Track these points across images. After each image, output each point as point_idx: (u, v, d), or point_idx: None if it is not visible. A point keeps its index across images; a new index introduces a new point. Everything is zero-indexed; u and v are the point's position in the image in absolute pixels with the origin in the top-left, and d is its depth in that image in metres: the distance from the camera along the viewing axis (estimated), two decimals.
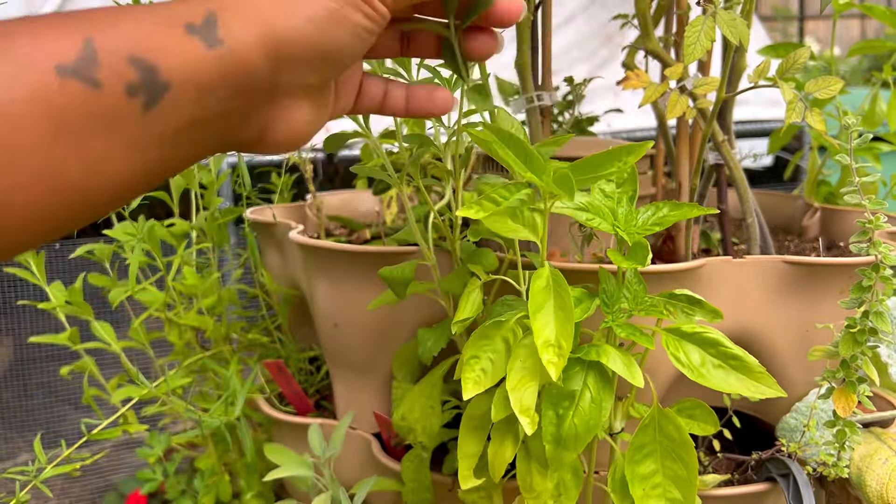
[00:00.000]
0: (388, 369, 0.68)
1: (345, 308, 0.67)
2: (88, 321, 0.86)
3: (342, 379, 0.72)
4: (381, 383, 0.69)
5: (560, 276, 0.45)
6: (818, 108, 0.83)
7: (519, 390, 0.46)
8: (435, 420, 0.55)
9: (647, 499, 0.51)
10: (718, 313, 0.50)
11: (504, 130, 0.41)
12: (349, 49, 0.36)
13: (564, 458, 0.48)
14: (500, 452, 0.50)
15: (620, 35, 1.39)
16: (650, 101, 0.64)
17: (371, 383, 0.70)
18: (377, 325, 0.65)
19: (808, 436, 0.60)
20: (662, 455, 0.51)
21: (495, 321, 0.49)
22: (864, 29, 3.01)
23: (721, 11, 0.53)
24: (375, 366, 0.68)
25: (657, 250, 0.81)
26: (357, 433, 0.71)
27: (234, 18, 0.32)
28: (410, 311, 0.64)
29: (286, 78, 0.35)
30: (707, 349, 0.49)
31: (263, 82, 0.34)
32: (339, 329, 0.68)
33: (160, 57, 0.30)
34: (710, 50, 0.72)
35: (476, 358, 0.49)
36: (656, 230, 0.48)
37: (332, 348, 0.71)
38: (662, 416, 0.50)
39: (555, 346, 0.44)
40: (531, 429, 0.45)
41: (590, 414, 0.47)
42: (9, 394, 1.05)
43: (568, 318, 0.44)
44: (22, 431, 0.93)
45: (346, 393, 0.72)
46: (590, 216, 0.48)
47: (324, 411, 0.80)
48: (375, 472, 0.69)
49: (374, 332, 0.66)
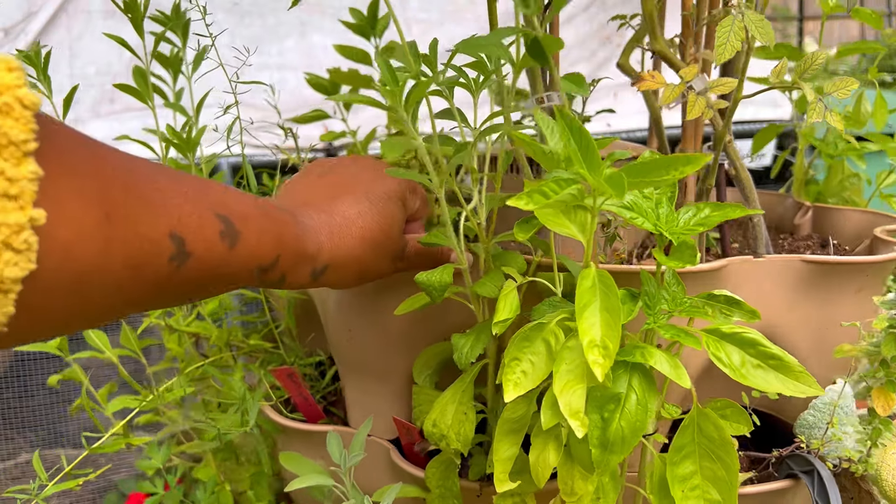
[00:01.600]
0: (405, 374, 0.67)
1: (361, 313, 0.65)
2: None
3: (356, 385, 0.71)
4: (399, 388, 0.68)
5: (607, 277, 0.44)
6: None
7: (566, 393, 0.45)
8: (469, 426, 0.54)
9: (685, 500, 0.50)
10: (756, 314, 0.51)
11: (575, 121, 0.41)
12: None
13: (611, 461, 0.47)
14: (544, 457, 0.49)
15: (619, 36, 1.41)
16: (669, 101, 0.64)
17: (387, 389, 0.68)
18: (396, 329, 0.64)
19: (831, 432, 0.60)
20: (701, 456, 0.51)
21: (538, 323, 0.48)
22: (865, 29, 3.05)
23: (749, 12, 0.53)
24: (393, 371, 0.67)
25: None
26: (372, 439, 0.70)
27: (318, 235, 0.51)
28: (432, 315, 0.62)
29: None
30: (746, 349, 0.49)
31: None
32: (354, 334, 0.67)
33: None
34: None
35: (517, 360, 0.48)
36: (700, 230, 0.48)
37: (346, 354, 0.69)
38: (702, 416, 0.50)
39: (600, 347, 0.43)
40: (582, 432, 0.44)
41: (636, 416, 0.47)
42: (9, 393, 1.01)
43: (615, 318, 0.43)
44: (22, 431, 0.90)
45: (359, 398, 0.71)
46: (634, 215, 0.48)
47: (332, 417, 0.78)
48: (393, 479, 0.68)
49: (392, 337, 0.65)
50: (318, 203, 0.53)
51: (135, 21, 0.78)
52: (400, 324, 0.64)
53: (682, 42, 0.82)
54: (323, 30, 0.92)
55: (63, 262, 0.32)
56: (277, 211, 0.49)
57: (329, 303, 0.69)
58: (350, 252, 0.52)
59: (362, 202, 0.53)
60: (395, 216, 0.55)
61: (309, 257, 0.50)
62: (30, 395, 1.00)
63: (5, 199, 0.28)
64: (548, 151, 0.48)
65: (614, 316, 0.43)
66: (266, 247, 0.46)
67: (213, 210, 0.42)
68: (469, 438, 0.54)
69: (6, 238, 0.28)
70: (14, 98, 0.28)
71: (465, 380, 0.57)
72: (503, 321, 0.50)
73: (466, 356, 0.52)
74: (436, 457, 0.60)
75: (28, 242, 0.29)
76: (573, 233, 0.47)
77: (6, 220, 0.28)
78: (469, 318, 0.60)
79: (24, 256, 0.29)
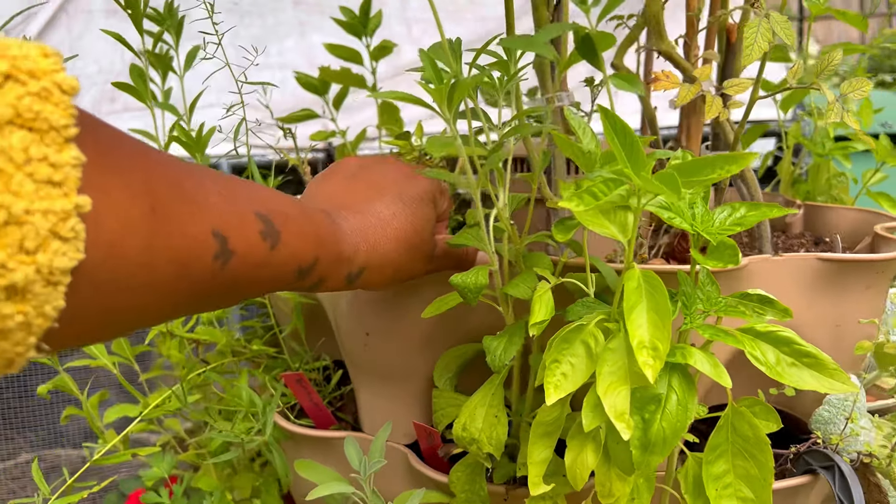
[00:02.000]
0: (424, 377, 0.66)
1: (380, 316, 0.64)
2: None
3: (369, 389, 0.70)
4: (416, 391, 0.67)
5: (654, 278, 0.44)
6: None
7: (611, 395, 0.45)
8: (501, 429, 0.53)
9: (719, 499, 0.51)
10: (788, 312, 0.51)
11: (619, 120, 0.40)
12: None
13: (651, 462, 0.47)
14: (582, 459, 0.49)
15: (618, 36, 1.41)
16: (685, 101, 0.65)
17: (404, 392, 0.67)
18: (417, 332, 0.63)
19: (850, 427, 0.61)
20: (733, 454, 0.51)
21: (578, 325, 0.48)
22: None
23: (774, 14, 0.54)
24: (411, 374, 0.66)
25: (670, 249, 0.82)
26: (388, 444, 0.69)
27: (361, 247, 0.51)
28: (453, 317, 0.62)
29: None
30: (781, 347, 0.49)
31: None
32: (371, 338, 0.66)
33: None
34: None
35: (557, 362, 0.47)
36: (737, 230, 0.48)
37: (360, 358, 0.68)
38: (737, 415, 0.50)
39: (650, 349, 0.43)
40: (628, 434, 0.44)
41: (676, 417, 0.47)
42: (9, 393, 0.98)
43: (663, 319, 0.43)
44: (22, 431, 0.88)
45: (373, 403, 0.70)
46: (672, 215, 0.48)
47: (341, 423, 0.77)
48: (411, 485, 0.67)
49: (412, 340, 0.64)
50: (352, 205, 0.52)
51: (135, 18, 0.76)
52: (420, 326, 0.63)
53: (687, 42, 0.83)
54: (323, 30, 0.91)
55: (110, 255, 0.31)
56: (315, 212, 0.48)
57: (342, 306, 0.68)
58: (386, 254, 0.51)
59: (396, 203, 0.52)
60: (428, 217, 0.54)
61: (346, 260, 0.49)
62: (30, 395, 0.98)
63: (49, 186, 0.27)
64: (586, 151, 0.48)
65: (662, 317, 0.43)
66: (306, 248, 0.45)
67: (253, 209, 0.41)
68: (502, 441, 0.53)
69: (53, 226, 0.27)
70: (52, 83, 0.27)
71: (493, 382, 0.56)
72: (540, 322, 0.49)
73: (500, 358, 0.51)
74: (461, 461, 0.59)
75: (75, 230, 0.28)
76: (613, 233, 0.47)
77: (52, 206, 0.27)
78: (490, 320, 0.60)
79: (71, 245, 0.28)
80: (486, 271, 0.50)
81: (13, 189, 0.26)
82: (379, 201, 0.53)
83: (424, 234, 0.54)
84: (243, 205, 0.40)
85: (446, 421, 0.62)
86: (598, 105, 0.44)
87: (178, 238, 0.35)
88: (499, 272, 0.53)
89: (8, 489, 0.92)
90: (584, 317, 0.49)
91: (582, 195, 0.41)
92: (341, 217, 0.51)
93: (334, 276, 0.49)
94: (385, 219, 0.52)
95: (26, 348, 0.28)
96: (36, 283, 0.27)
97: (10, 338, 0.27)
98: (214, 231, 0.37)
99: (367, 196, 0.53)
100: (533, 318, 0.49)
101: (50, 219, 0.27)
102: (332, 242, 0.48)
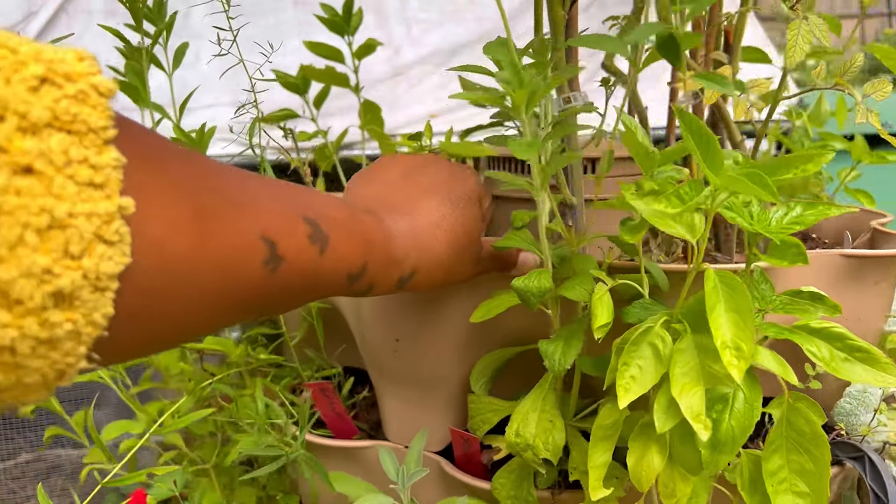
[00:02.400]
0: (456, 383, 0.64)
1: (411, 321, 0.63)
2: None
3: (396, 395, 0.68)
4: (447, 397, 0.65)
5: (732, 278, 0.44)
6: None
7: (686, 396, 0.45)
8: (557, 434, 0.52)
9: (776, 494, 0.51)
10: (838, 308, 0.52)
11: (696, 120, 0.40)
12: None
13: (721, 462, 0.47)
14: (647, 461, 0.49)
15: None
16: (712, 101, 0.65)
17: (433, 398, 0.66)
18: (453, 337, 0.62)
19: (878, 418, 0.63)
20: (788, 450, 0.52)
21: (647, 327, 0.47)
22: (864, 30, 3.16)
23: (812, 16, 0.55)
24: (443, 380, 0.65)
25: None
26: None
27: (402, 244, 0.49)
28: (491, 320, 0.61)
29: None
30: (834, 343, 0.50)
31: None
32: (402, 343, 0.64)
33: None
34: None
35: (625, 365, 0.47)
36: (796, 229, 0.48)
37: (388, 364, 0.66)
38: (792, 410, 0.51)
39: (732, 349, 0.43)
40: (707, 434, 0.44)
41: (744, 415, 0.47)
42: None
43: (744, 319, 0.43)
44: (22, 431, 0.84)
45: (400, 410, 0.68)
46: (733, 215, 0.48)
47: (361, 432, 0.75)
48: (446, 492, 0.65)
49: (447, 345, 0.62)
50: (401, 206, 0.50)
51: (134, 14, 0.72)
52: (454, 330, 0.62)
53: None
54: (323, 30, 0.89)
55: (157, 260, 0.29)
56: (363, 214, 0.46)
57: (365, 312, 0.66)
58: (437, 257, 0.50)
59: (445, 204, 0.51)
60: (476, 218, 0.53)
61: (396, 263, 0.48)
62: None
63: (91, 188, 0.26)
64: (650, 151, 0.48)
65: (743, 316, 0.43)
66: (355, 252, 0.44)
67: (300, 213, 0.39)
68: (559, 447, 0.53)
69: (97, 229, 0.26)
70: (89, 85, 0.27)
71: (543, 387, 0.55)
72: (604, 325, 0.49)
73: (560, 363, 0.50)
74: (505, 466, 0.58)
75: (120, 233, 0.27)
76: (681, 233, 0.47)
77: (95, 209, 0.26)
78: (526, 323, 0.59)
79: (117, 249, 0.27)
80: (548, 275, 0.49)
81: (55, 192, 0.25)
82: (428, 202, 0.51)
83: (474, 235, 0.53)
84: (290, 208, 0.39)
85: (486, 427, 0.61)
86: (674, 105, 0.44)
87: (226, 242, 0.33)
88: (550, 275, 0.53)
89: (8, 489, 0.88)
90: (647, 319, 0.49)
91: (669, 198, 0.41)
92: (391, 219, 0.49)
93: (385, 280, 0.48)
94: (435, 220, 0.51)
95: (77, 359, 0.27)
96: (83, 289, 0.26)
97: (60, 347, 0.26)
98: (263, 235, 0.36)
99: (417, 197, 0.52)
100: (596, 322, 0.49)
101: (94, 222, 0.26)
102: (383, 246, 0.47)
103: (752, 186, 0.39)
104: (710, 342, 0.46)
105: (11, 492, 0.72)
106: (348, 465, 0.69)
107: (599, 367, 0.55)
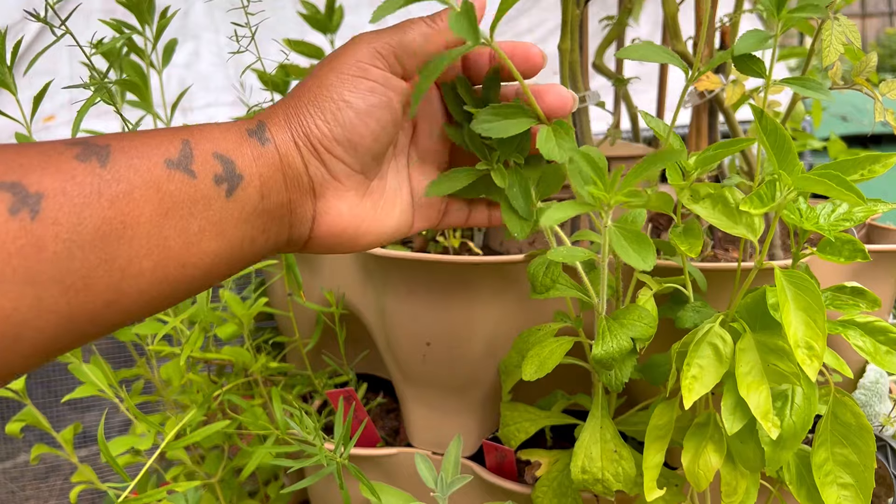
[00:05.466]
0: (484, 387, 0.64)
1: (444, 324, 0.61)
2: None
3: (422, 401, 0.66)
4: (476, 402, 0.64)
5: (800, 276, 0.44)
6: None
7: (754, 395, 0.45)
8: (628, 464, 0.51)
9: (822, 487, 0.52)
10: (878, 301, 0.53)
11: (771, 120, 0.40)
12: (374, 142, 0.43)
13: (782, 457, 0.48)
14: (704, 460, 0.49)
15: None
16: (733, 100, 0.66)
17: (463, 404, 0.65)
18: (485, 341, 0.61)
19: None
20: (833, 443, 0.53)
21: (708, 328, 0.47)
22: (865, 29, 3.21)
23: (843, 18, 0.56)
24: (472, 385, 0.63)
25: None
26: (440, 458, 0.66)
27: (276, 124, 0.41)
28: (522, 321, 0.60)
29: (322, 170, 0.42)
30: (877, 336, 0.52)
31: (304, 176, 0.41)
32: (432, 348, 0.63)
33: (236, 155, 0.39)
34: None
35: (687, 366, 0.47)
36: (847, 226, 0.49)
37: (416, 369, 0.65)
38: (838, 404, 0.52)
39: (804, 348, 0.43)
40: (776, 432, 0.44)
41: (804, 410, 0.48)
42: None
43: (814, 317, 0.43)
44: (23, 431, 0.80)
45: (426, 415, 0.67)
46: (787, 213, 0.48)
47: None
48: (480, 498, 0.64)
49: (478, 349, 0.61)
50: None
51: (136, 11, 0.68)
52: (489, 335, 0.61)
53: (696, 43, 0.85)
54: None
55: None
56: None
57: (397, 315, 0.64)
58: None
59: None
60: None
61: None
62: (30, 395, 0.90)
63: None
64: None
65: (813, 314, 0.43)
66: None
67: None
68: (632, 476, 0.52)
69: None
70: None
71: (596, 415, 0.54)
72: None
73: (618, 377, 0.50)
74: (544, 476, 0.58)
75: None
76: (742, 233, 0.47)
77: None
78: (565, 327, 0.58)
79: None
80: (628, 337, 0.48)
81: None
82: None
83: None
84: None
85: (522, 436, 0.60)
86: (751, 105, 0.44)
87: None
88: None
89: (7, 489, 0.83)
90: (703, 321, 0.49)
91: (753, 199, 0.41)
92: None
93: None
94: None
95: None
96: None
97: None
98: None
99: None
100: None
101: None
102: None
103: (833, 187, 0.40)
104: (772, 340, 0.46)
105: (11, 492, 0.68)
106: (372, 473, 0.67)
107: (646, 371, 0.55)
